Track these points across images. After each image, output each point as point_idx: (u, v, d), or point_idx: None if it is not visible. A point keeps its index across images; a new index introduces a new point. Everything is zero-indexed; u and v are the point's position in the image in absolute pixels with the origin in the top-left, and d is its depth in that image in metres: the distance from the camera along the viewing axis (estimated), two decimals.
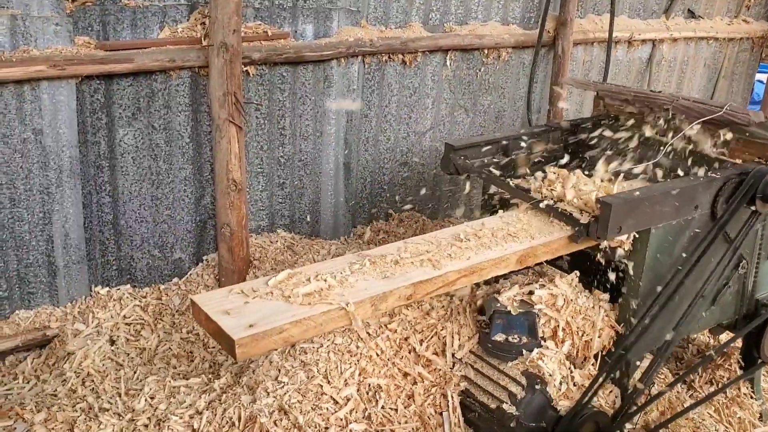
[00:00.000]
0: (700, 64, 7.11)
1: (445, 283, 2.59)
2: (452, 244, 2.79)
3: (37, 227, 3.68)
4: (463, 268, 2.62)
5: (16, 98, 3.43)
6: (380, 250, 2.76)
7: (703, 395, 3.55)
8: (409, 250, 2.73)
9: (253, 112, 4.23)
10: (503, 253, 2.73)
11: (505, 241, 2.83)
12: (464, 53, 5.09)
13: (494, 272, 2.73)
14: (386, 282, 2.51)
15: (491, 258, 2.70)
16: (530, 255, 2.79)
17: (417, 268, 2.61)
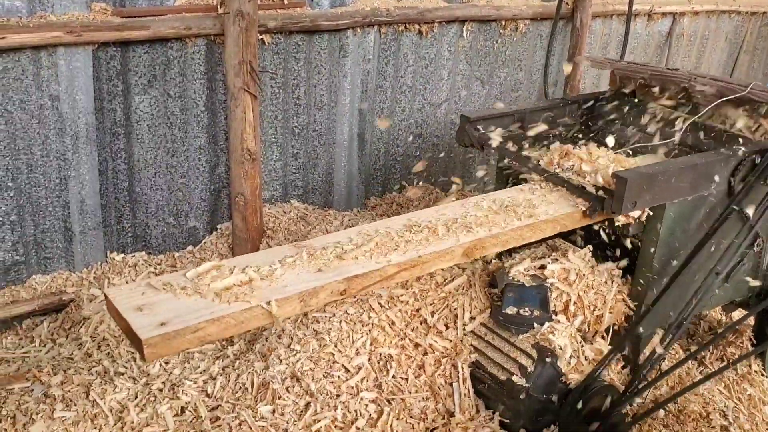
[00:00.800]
0: (721, 38, 7.00)
1: (383, 277, 2.43)
2: (403, 234, 2.65)
3: (53, 193, 3.71)
4: (403, 262, 2.47)
5: (33, 64, 3.44)
6: (322, 241, 2.60)
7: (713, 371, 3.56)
8: (355, 242, 2.57)
9: (267, 81, 4.22)
10: (449, 245, 2.59)
11: (462, 231, 2.68)
12: (481, 24, 5.05)
13: (438, 265, 2.60)
14: (318, 276, 2.35)
15: (435, 251, 2.55)
16: (477, 247, 2.63)
17: (357, 261, 2.45)
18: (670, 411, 3.21)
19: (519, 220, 2.77)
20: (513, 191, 3.06)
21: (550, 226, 2.81)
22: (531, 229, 2.76)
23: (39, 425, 2.81)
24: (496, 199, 2.96)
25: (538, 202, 2.93)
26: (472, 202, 2.96)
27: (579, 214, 2.87)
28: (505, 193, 3.04)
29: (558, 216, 2.83)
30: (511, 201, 2.92)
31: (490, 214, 2.81)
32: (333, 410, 2.76)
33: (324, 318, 3.03)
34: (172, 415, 2.88)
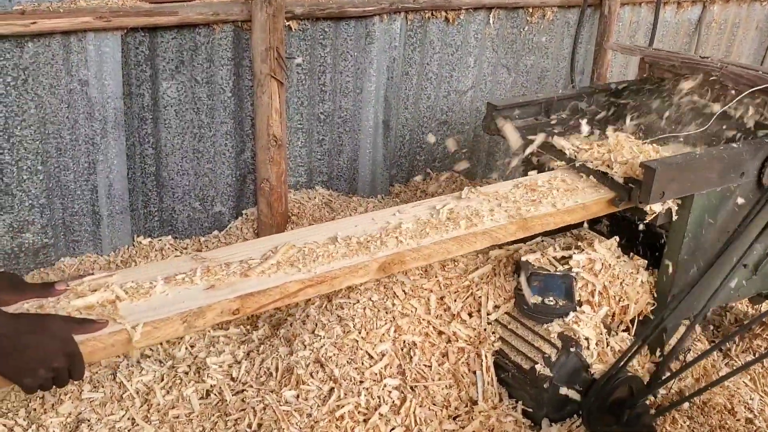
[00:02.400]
0: (752, 26, 6.88)
1: (283, 295, 2.22)
2: (324, 246, 2.46)
3: (82, 177, 3.76)
4: (308, 278, 2.26)
5: (63, 49, 3.47)
6: (227, 253, 2.39)
7: (739, 364, 3.52)
8: (265, 254, 2.36)
9: (294, 67, 4.23)
10: (362, 259, 2.37)
11: (386, 243, 2.48)
12: (508, 11, 5.01)
13: (351, 281, 2.38)
14: (209, 294, 2.13)
15: (346, 266, 2.34)
16: (396, 262, 2.42)
17: (259, 277, 2.24)
18: (694, 403, 3.19)
19: (454, 231, 2.57)
20: (473, 199, 2.84)
21: (485, 238, 2.59)
22: (458, 242, 2.54)
23: (67, 405, 2.86)
24: (443, 208, 2.72)
25: (486, 210, 2.71)
26: (425, 206, 2.79)
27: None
28: (461, 202, 2.81)
29: (586, 203, 2.81)
30: (463, 209, 2.71)
31: (427, 226, 2.59)
32: (356, 396, 2.78)
33: (348, 304, 3.04)
34: (198, 398, 2.91)
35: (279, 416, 2.70)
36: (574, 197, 2.87)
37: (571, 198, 2.85)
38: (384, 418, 2.75)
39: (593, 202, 2.84)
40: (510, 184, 2.95)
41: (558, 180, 3.03)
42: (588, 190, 2.93)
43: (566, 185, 2.98)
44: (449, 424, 2.84)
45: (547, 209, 2.72)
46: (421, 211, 2.72)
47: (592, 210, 2.84)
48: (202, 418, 2.82)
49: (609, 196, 2.87)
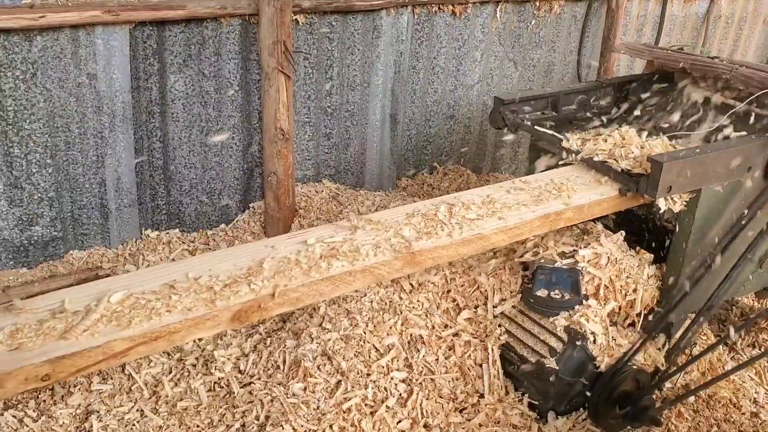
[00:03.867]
0: (760, 20, 6.85)
1: (107, 356, 1.89)
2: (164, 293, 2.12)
3: (90, 170, 3.78)
4: (139, 335, 1.93)
5: (72, 43, 3.49)
6: (47, 302, 2.07)
7: (744, 358, 3.53)
8: (88, 306, 2.02)
9: (301, 61, 4.23)
10: (204, 311, 2.04)
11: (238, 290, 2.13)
12: (515, 5, 5.00)
13: (195, 334, 2.04)
14: (13, 357, 1.81)
15: (189, 317, 2.00)
16: (254, 309, 2.11)
17: (81, 336, 1.89)
18: (700, 396, 3.20)
19: (330, 270, 2.26)
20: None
21: (366, 276, 2.30)
22: (333, 283, 2.24)
23: (76, 397, 2.89)
24: (317, 243, 2.40)
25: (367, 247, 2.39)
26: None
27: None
28: (341, 233, 2.49)
29: (483, 233, 2.51)
30: (344, 243, 2.39)
31: (295, 266, 2.28)
32: (363, 389, 2.80)
33: (356, 297, 3.06)
34: (206, 390, 2.94)
35: (286, 408, 2.72)
36: (524, 213, 2.64)
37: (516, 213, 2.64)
38: (391, 411, 2.77)
39: (493, 232, 2.53)
40: (403, 210, 2.63)
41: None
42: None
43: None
44: (456, 416, 2.85)
45: (443, 241, 2.41)
46: (292, 246, 2.38)
47: (491, 240, 2.53)
48: (210, 410, 2.85)
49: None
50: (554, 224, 2.68)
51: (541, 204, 2.70)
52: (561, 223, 2.71)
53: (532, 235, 2.71)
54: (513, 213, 2.62)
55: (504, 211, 2.62)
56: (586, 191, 2.86)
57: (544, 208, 2.67)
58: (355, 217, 2.57)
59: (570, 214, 2.71)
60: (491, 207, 2.66)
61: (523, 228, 2.58)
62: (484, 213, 2.60)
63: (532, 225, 2.61)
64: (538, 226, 2.63)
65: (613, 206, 2.89)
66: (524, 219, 2.59)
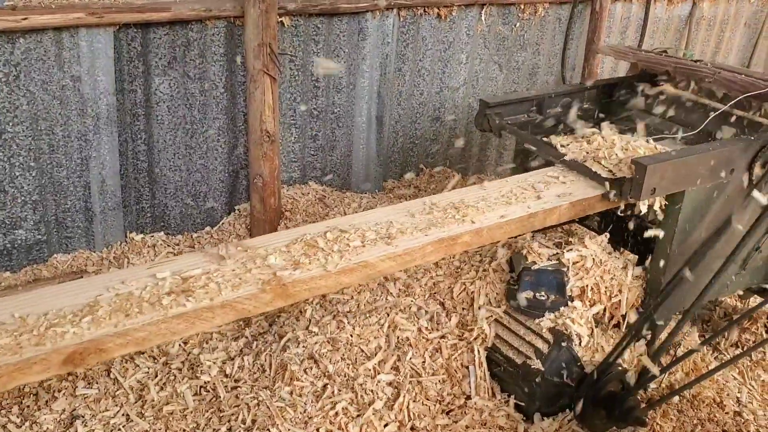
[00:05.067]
0: (741, 23, 6.92)
1: None
2: None
3: (74, 173, 3.75)
4: None
5: (56, 45, 3.47)
6: None
7: (728, 357, 3.56)
8: None
9: (287, 63, 4.23)
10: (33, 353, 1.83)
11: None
12: (500, 8, 5.02)
13: (19, 380, 1.83)
14: None
15: (10, 362, 1.79)
16: (92, 351, 1.91)
17: None
18: (684, 396, 3.23)
19: (181, 306, 2.08)
20: None
21: (227, 312, 2.12)
22: (187, 321, 2.05)
23: (61, 402, 2.86)
24: (171, 277, 2.19)
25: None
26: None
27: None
28: (206, 262, 2.28)
29: (369, 260, 2.34)
30: (205, 276, 2.20)
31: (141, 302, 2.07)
32: (350, 392, 2.80)
33: (343, 301, 3.06)
34: (192, 394, 2.92)
35: (273, 412, 2.72)
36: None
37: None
38: (378, 414, 2.77)
39: (379, 259, 2.34)
40: (287, 236, 2.46)
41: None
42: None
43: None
44: (442, 418, 2.86)
45: (318, 272, 2.23)
46: (142, 280, 2.18)
47: (377, 268, 2.36)
48: (197, 414, 2.83)
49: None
50: (450, 249, 2.50)
51: (435, 228, 2.50)
52: (458, 248, 2.54)
53: (425, 261, 2.53)
54: (405, 238, 2.43)
55: (397, 237, 2.43)
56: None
57: (439, 233, 2.47)
58: (228, 245, 2.34)
59: (467, 239, 2.51)
60: (385, 232, 2.47)
61: (414, 254, 2.40)
62: (375, 238, 2.42)
63: (424, 251, 2.42)
64: (432, 252, 2.44)
65: (520, 227, 2.75)
66: (415, 245, 2.40)
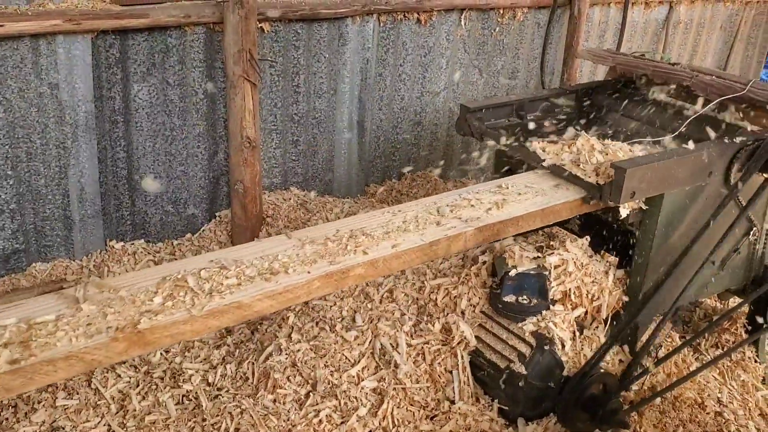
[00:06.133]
0: (717, 26, 7.01)
1: None
2: None
3: (53, 181, 3.72)
4: None
5: (32, 52, 3.43)
6: None
7: (708, 358, 3.60)
8: None
9: (267, 69, 4.22)
10: None
11: None
12: (480, 13, 5.05)
13: None
14: None
15: None
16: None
17: None
18: (666, 397, 3.25)
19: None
20: None
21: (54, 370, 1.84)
22: (21, 375, 1.80)
23: (41, 413, 2.83)
24: None
25: None
26: None
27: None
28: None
29: (242, 301, 2.11)
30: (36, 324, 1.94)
31: None
32: (334, 399, 2.79)
33: (325, 307, 3.05)
34: (174, 403, 2.90)
35: (256, 421, 2.70)
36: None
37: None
38: (362, 421, 2.77)
39: (256, 299, 2.12)
40: (157, 274, 2.21)
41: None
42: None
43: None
44: (426, 424, 2.86)
45: (180, 316, 2.01)
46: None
47: (254, 309, 2.14)
48: (179, 423, 2.81)
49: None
50: (341, 283, 2.31)
51: (323, 261, 2.29)
52: (350, 281, 2.32)
53: (311, 298, 2.30)
54: (289, 274, 2.21)
55: (280, 272, 2.21)
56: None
57: (327, 266, 2.26)
58: (86, 286, 2.10)
59: (360, 271, 2.32)
60: (267, 266, 2.24)
61: (297, 291, 2.19)
62: (254, 274, 2.20)
63: (310, 287, 2.21)
64: (319, 287, 2.24)
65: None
66: (298, 281, 2.18)
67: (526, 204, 2.73)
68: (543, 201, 2.77)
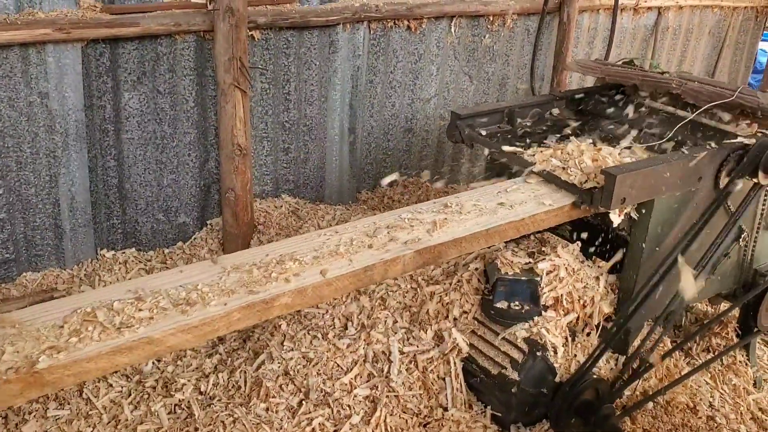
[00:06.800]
0: (705, 32, 7.06)
1: None
2: None
3: (43, 190, 3.70)
4: None
5: (22, 61, 3.42)
6: None
7: (699, 362, 3.61)
8: None
9: (258, 76, 4.22)
10: None
11: None
12: (470, 20, 5.06)
13: None
14: None
15: None
16: None
17: None
18: (658, 402, 3.26)
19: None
20: None
21: None
22: None
23: (31, 424, 2.81)
24: None
25: None
26: None
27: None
28: None
29: (154, 336, 1.97)
30: None
31: None
32: (327, 407, 2.79)
33: (318, 315, 3.05)
34: (166, 412, 2.89)
35: (248, 429, 2.70)
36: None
37: None
38: (355, 428, 2.76)
39: (169, 333, 1.97)
40: (65, 306, 2.07)
41: None
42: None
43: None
44: (420, 431, 2.86)
45: (86, 353, 1.87)
46: None
47: (167, 344, 1.99)
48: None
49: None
50: (264, 314, 2.16)
51: (244, 290, 2.16)
52: (275, 312, 2.18)
53: (231, 330, 2.14)
54: (207, 305, 2.08)
55: (198, 303, 2.08)
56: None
57: (248, 297, 2.12)
58: None
59: (287, 300, 2.17)
60: (185, 297, 2.12)
61: (215, 324, 2.05)
62: (168, 307, 2.07)
63: (230, 319, 2.08)
64: (240, 319, 2.10)
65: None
66: (216, 313, 2.05)
67: (468, 224, 2.59)
68: (486, 221, 2.62)
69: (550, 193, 2.93)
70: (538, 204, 2.80)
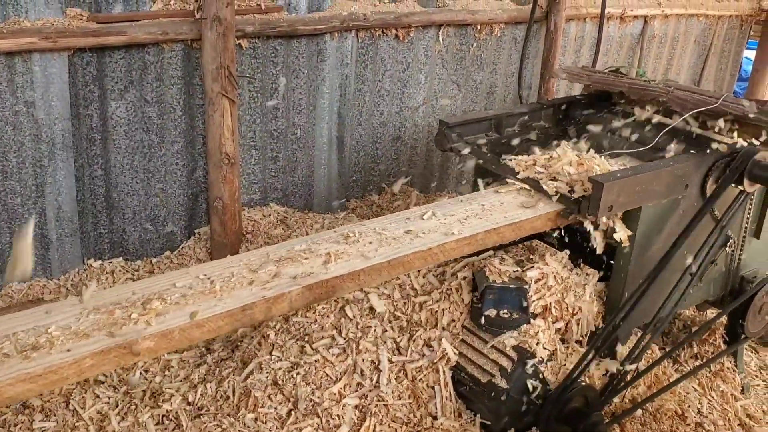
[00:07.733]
0: (691, 40, 7.12)
1: None
2: None
3: (29, 200, 3.68)
4: None
5: (7, 70, 3.40)
6: None
7: (688, 369, 3.62)
8: None
9: (245, 85, 4.21)
10: None
11: None
12: (457, 28, 5.08)
13: None
14: None
15: None
16: None
17: None
18: (647, 409, 3.27)
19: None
20: None
21: None
22: None
23: None
24: None
25: None
26: None
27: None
28: None
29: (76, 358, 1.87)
30: None
31: None
32: (315, 417, 2.77)
33: (306, 324, 3.04)
34: (154, 423, 2.87)
35: None
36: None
37: None
38: None
39: (8, 383, 1.76)
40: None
41: None
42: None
43: None
44: None
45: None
46: None
47: (5, 395, 1.78)
48: None
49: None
50: (123, 359, 1.96)
51: (101, 333, 1.97)
52: (137, 357, 1.99)
53: (81, 378, 1.95)
54: (54, 351, 1.89)
55: (45, 348, 1.89)
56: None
57: (104, 341, 1.94)
58: None
59: (150, 344, 1.99)
60: (33, 342, 1.92)
61: (63, 371, 1.85)
62: (12, 353, 1.87)
63: (80, 366, 1.88)
64: (92, 366, 1.90)
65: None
66: (63, 360, 1.85)
67: (369, 255, 2.45)
68: (389, 251, 2.47)
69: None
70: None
